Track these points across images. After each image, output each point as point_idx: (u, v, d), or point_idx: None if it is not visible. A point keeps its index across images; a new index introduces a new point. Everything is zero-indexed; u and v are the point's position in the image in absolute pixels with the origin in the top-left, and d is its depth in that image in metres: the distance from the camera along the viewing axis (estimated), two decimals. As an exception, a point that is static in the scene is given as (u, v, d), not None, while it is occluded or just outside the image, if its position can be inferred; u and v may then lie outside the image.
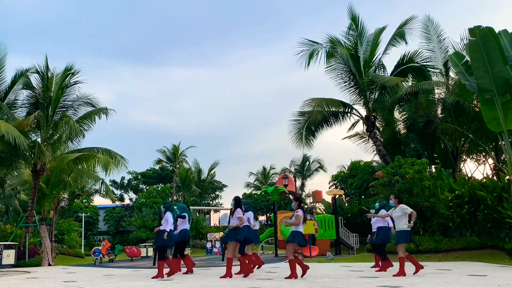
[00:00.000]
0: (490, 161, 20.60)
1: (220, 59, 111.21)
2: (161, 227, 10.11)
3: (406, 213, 9.09)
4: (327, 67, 21.79)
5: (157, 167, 52.21)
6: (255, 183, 51.45)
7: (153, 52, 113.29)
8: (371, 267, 11.50)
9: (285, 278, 8.86)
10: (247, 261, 9.95)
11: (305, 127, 22.39)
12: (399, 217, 9.16)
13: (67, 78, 21.01)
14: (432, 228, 15.61)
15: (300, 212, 9.05)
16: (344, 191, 32.89)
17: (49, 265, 18.63)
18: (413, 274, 9.07)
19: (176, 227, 10.54)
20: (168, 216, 10.20)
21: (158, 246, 10.24)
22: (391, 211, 9.58)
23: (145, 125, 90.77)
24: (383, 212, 10.45)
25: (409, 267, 9.33)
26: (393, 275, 8.96)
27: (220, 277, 9.42)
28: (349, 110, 22.26)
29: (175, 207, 11.18)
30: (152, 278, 9.78)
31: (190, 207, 38.46)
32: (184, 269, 10.91)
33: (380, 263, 10.79)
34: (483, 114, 14.92)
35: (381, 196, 17.11)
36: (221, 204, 57.53)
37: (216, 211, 52.66)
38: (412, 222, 9.10)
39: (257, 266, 11.11)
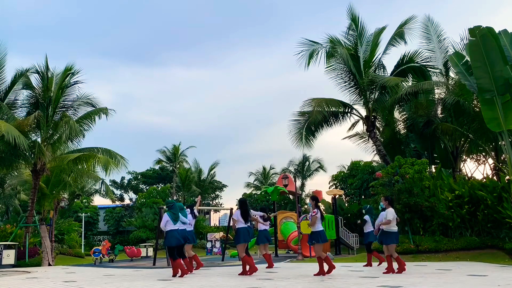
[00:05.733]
0: (490, 161, 20.61)
1: (220, 59, 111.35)
2: (167, 228, 10.10)
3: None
4: (327, 67, 21.78)
5: (157, 167, 52.23)
6: (255, 183, 51.46)
7: (154, 52, 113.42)
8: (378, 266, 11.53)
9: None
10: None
11: (305, 127, 22.37)
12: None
13: (67, 78, 21.00)
14: (432, 228, 15.60)
15: (317, 214, 9.40)
16: (344, 191, 32.89)
17: (49, 265, 18.62)
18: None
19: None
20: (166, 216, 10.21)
21: (168, 247, 10.28)
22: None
23: (145, 125, 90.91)
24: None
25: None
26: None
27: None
28: (349, 110, 22.26)
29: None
30: (179, 277, 9.83)
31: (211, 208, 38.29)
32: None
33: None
34: (483, 114, 14.92)
35: (381, 196, 17.09)
36: (221, 204, 57.57)
37: (216, 211, 52.67)
38: None
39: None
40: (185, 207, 11.88)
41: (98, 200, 54.26)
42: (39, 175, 20.21)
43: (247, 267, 10.04)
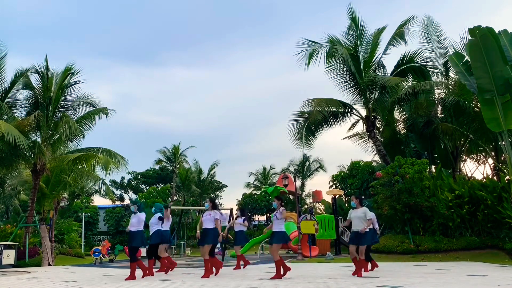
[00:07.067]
0: (490, 161, 20.60)
1: (220, 59, 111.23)
2: (135, 228, 10.24)
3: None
4: (327, 67, 21.77)
5: (157, 167, 52.18)
6: (255, 183, 51.43)
7: (153, 52, 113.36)
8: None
9: (202, 277, 9.49)
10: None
11: (305, 127, 22.34)
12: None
13: (67, 78, 21.00)
14: (432, 228, 15.61)
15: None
16: (344, 191, 32.83)
17: (49, 265, 18.64)
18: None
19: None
20: (142, 216, 10.34)
21: (133, 247, 10.38)
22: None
23: (145, 125, 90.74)
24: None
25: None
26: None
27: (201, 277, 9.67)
28: (349, 110, 22.25)
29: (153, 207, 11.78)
30: (125, 279, 9.89)
31: (190, 207, 38.39)
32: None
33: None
34: (483, 114, 14.92)
35: (381, 196, 17.14)
36: (221, 204, 57.48)
37: (216, 211, 52.32)
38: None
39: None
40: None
41: (98, 200, 54.08)
42: (39, 175, 20.21)
43: (219, 269, 10.42)
